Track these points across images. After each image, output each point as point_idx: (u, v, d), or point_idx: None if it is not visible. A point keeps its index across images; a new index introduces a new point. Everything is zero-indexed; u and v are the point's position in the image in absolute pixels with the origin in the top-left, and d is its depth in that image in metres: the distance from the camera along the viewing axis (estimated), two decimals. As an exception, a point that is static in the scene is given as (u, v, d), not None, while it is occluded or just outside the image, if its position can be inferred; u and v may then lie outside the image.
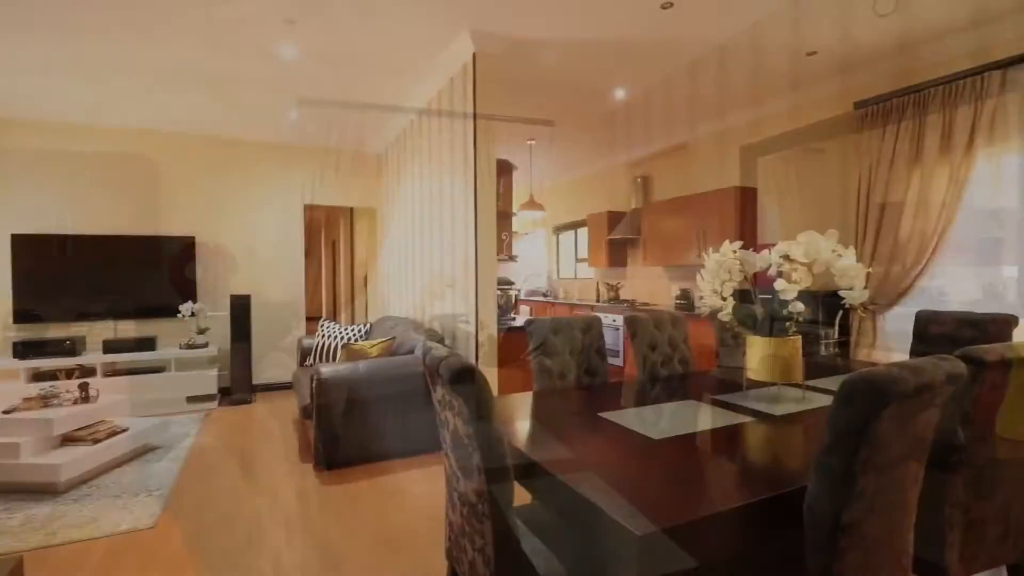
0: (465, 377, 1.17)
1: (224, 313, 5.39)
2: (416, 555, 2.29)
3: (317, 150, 5.84)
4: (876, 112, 3.82)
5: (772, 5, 3.01)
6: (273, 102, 4.58)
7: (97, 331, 4.97)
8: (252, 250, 5.54)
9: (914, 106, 3.60)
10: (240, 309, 4.93)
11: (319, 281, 11.32)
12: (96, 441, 3.21)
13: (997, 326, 2.50)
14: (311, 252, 11.67)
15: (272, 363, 5.62)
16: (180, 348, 4.89)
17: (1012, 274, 3.25)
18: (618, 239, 6.48)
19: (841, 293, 1.86)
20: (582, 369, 2.50)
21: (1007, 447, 1.48)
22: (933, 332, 2.72)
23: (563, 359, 2.45)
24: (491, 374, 3.47)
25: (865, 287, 1.90)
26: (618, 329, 5.88)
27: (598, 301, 6.87)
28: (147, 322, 5.14)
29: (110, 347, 4.69)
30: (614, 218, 6.62)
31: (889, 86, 3.83)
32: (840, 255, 1.86)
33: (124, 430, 3.46)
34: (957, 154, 3.34)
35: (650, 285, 6.29)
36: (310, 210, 9.36)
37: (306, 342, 4.76)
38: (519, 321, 4.37)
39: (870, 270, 2.02)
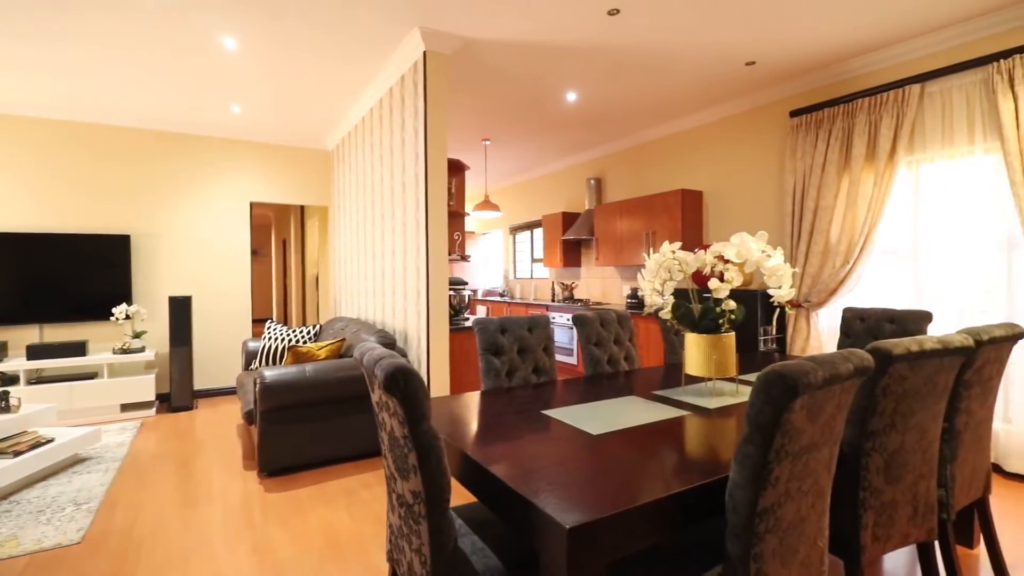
0: (399, 378, 1.17)
1: (163, 315, 5.15)
2: (362, 560, 2.25)
3: (264, 146, 5.65)
4: (810, 121, 4.04)
5: (711, 16, 3.13)
6: (215, 96, 4.40)
7: (20, 336, 4.64)
8: (193, 249, 5.30)
9: (843, 116, 3.83)
10: (180, 311, 4.71)
11: (268, 281, 10.96)
12: (17, 453, 2.99)
13: (914, 321, 2.70)
14: (260, 251, 11.30)
15: (215, 367, 5.40)
16: (113, 353, 4.63)
17: (929, 273, 3.50)
18: (572, 239, 6.58)
19: (770, 291, 1.95)
20: (530, 368, 2.53)
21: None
22: (858, 328, 2.90)
23: (511, 358, 2.47)
24: (442, 374, 3.46)
25: (793, 286, 2.01)
26: (572, 328, 5.96)
27: (553, 301, 6.95)
28: (77, 326, 4.84)
29: (35, 353, 4.38)
30: (568, 219, 6.72)
31: (821, 96, 4.06)
32: (769, 255, 1.96)
33: (49, 441, 3.25)
34: (881, 161, 3.57)
35: (603, 285, 6.42)
36: (258, 208, 9.06)
37: (251, 345, 4.60)
38: (472, 321, 4.36)
39: (796, 270, 2.13)
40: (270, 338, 4.37)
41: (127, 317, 4.71)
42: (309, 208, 7.40)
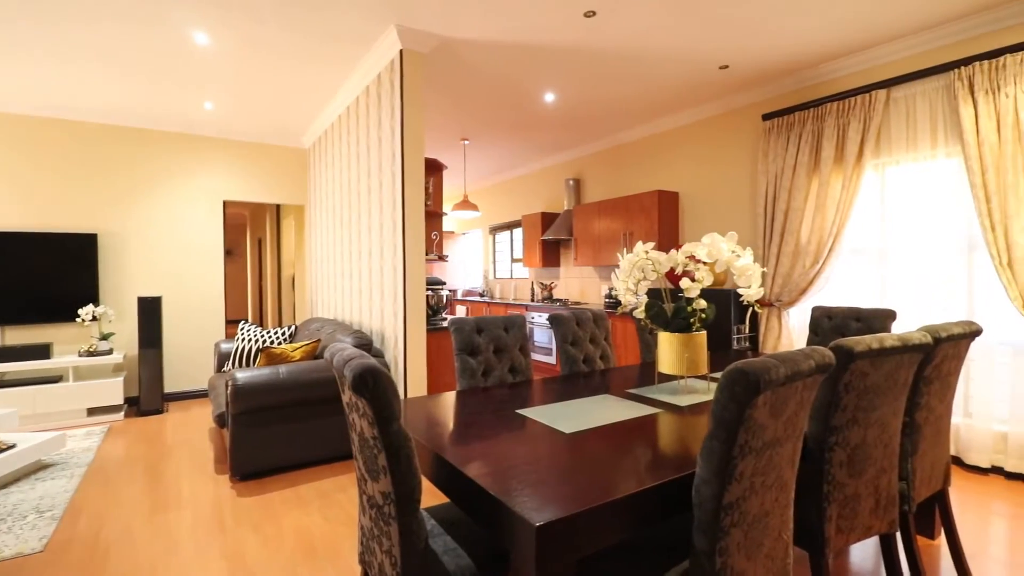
0: (368, 378, 1.16)
1: (131, 316, 5.02)
2: (336, 563, 2.23)
3: (238, 143, 5.55)
4: (781, 124, 4.13)
5: (685, 20, 3.17)
6: (187, 92, 4.31)
7: (-21, 338, 4.47)
8: (164, 248, 5.18)
9: (813, 119, 3.92)
10: (149, 312, 4.59)
11: (243, 282, 10.77)
12: (-27, 460, 2.89)
13: (879, 319, 2.78)
14: (234, 251, 11.08)
15: (186, 369, 5.28)
16: (80, 355, 4.49)
17: (894, 273, 3.60)
18: (551, 239, 6.61)
19: (740, 291, 1.99)
20: (506, 367, 2.53)
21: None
22: (826, 326, 2.98)
23: (487, 357, 2.47)
24: (419, 374, 3.44)
25: (763, 285, 2.05)
26: (551, 328, 5.98)
27: (532, 300, 6.97)
28: (41, 327, 4.68)
29: (-5, 356, 4.23)
30: (548, 219, 6.75)
31: (792, 100, 4.15)
32: (739, 255, 2.00)
33: (11, 447, 3.13)
34: (849, 164, 3.67)
35: (582, 284, 6.46)
36: (233, 207, 8.89)
37: (224, 346, 4.51)
38: (448, 321, 4.35)
39: (764, 270, 2.17)
40: (243, 339, 4.29)
41: (94, 318, 4.57)
42: (285, 207, 7.29)
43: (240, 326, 4.47)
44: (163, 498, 2.90)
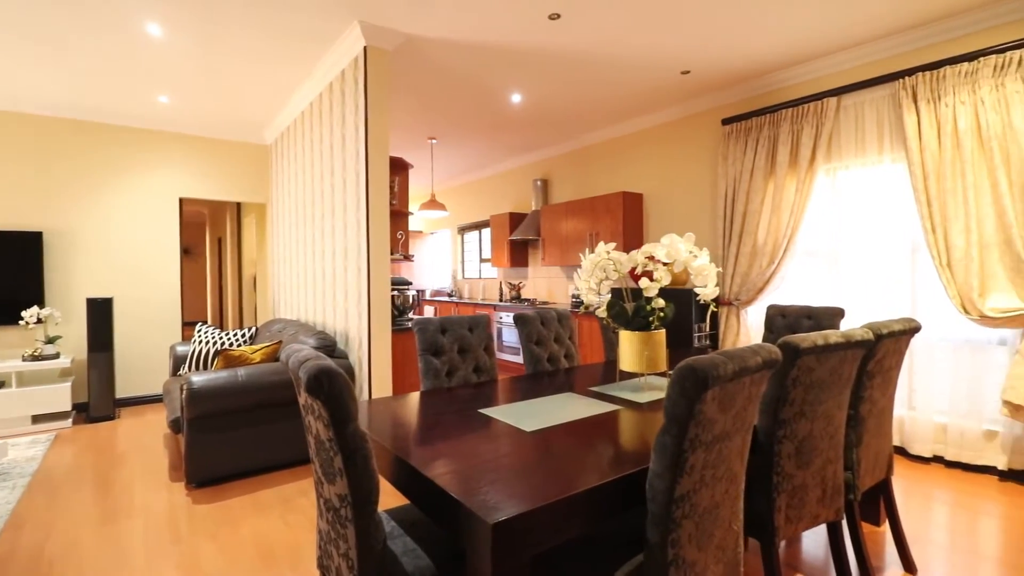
0: (323, 379, 1.14)
1: (80, 319, 4.79)
2: (297, 569, 2.18)
3: (196, 139, 5.36)
4: (740, 129, 4.26)
5: (648, 26, 3.24)
6: (139, 84, 4.14)
7: (-90, 343, 4.19)
8: (116, 247, 4.96)
9: (770, 125, 4.06)
10: (99, 314, 4.39)
11: (203, 282, 10.44)
12: (-98, 473, 2.71)
13: (828, 317, 2.90)
14: (193, 250, 10.70)
15: (140, 373, 5.07)
16: (23, 360, 4.26)
17: (845, 273, 3.77)
18: (519, 240, 6.63)
19: (696, 290, 2.05)
20: (471, 367, 2.53)
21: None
22: (780, 323, 3.09)
23: (451, 358, 2.47)
24: (384, 375, 3.40)
25: (719, 284, 2.12)
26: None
27: (501, 300, 6.98)
28: (-21, 331, 4.42)
29: (-73, 361, 3.97)
30: (516, 219, 6.77)
31: (751, 106, 4.29)
32: (696, 256, 2.05)
33: (-57, 458, 2.95)
34: (802, 168, 3.81)
35: (549, 284, 6.51)
36: (191, 204, 8.59)
37: (180, 349, 4.36)
38: (413, 322, 4.31)
39: (719, 270, 2.24)
40: (201, 341, 4.16)
41: (39, 321, 4.35)
42: (246, 205, 7.10)
43: (197, 328, 4.33)
44: (113, 508, 2.78)
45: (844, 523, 2.31)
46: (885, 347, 1.92)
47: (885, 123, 3.53)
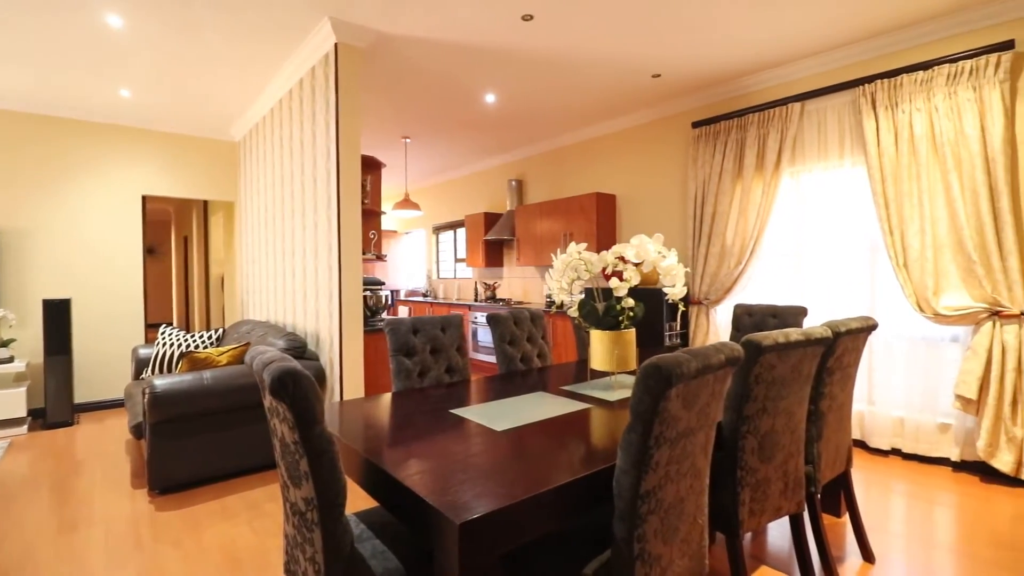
0: (287, 381, 1.13)
1: (36, 321, 4.60)
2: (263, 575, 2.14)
3: (160, 135, 5.20)
4: (709, 132, 4.35)
5: (619, 29, 3.28)
6: (99, 77, 3.99)
7: None
8: (74, 246, 4.78)
9: (737, 128, 4.16)
10: (57, 316, 4.22)
11: (168, 282, 10.15)
12: None
13: (792, 316, 2.99)
14: (157, 250, 10.38)
15: (100, 377, 4.89)
16: (-27, 364, 4.06)
17: (809, 273, 3.88)
18: (494, 240, 6.63)
19: (665, 289, 2.08)
20: (443, 367, 2.53)
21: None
22: (746, 322, 3.17)
23: (423, 358, 2.46)
24: (356, 377, 3.36)
25: (687, 284, 2.16)
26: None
27: (476, 300, 6.97)
28: (-75, 334, 4.20)
29: None
30: (491, 219, 6.77)
31: (719, 110, 4.38)
32: (664, 256, 2.09)
33: None
34: (768, 171, 3.92)
35: (524, 284, 6.53)
36: (156, 202, 8.32)
37: (143, 352, 4.22)
38: (384, 322, 4.28)
39: (687, 270, 2.29)
40: (165, 344, 4.04)
41: (-10, 323, 4.16)
42: (213, 203, 6.91)
43: (161, 330, 4.20)
44: (71, 516, 2.68)
45: (806, 515, 2.39)
46: (844, 344, 1.99)
47: (846, 128, 3.65)
